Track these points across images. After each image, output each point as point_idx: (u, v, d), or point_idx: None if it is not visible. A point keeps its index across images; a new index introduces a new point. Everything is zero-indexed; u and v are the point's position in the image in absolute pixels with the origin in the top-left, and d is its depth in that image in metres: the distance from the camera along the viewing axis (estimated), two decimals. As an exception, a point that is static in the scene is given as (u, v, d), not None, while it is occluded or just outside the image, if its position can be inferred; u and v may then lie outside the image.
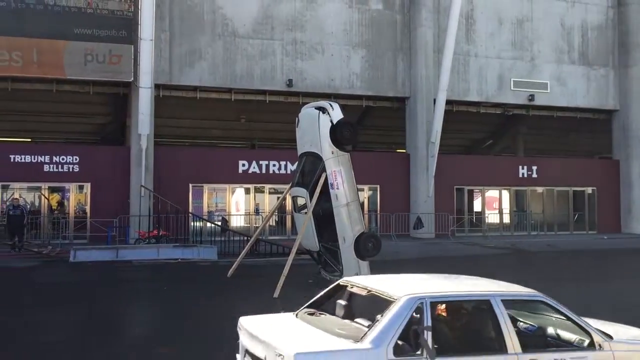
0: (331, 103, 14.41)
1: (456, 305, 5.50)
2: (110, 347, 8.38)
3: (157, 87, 22.74)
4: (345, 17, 25.18)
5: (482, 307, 5.33)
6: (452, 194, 26.91)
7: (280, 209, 23.76)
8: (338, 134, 13.65)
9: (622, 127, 29.23)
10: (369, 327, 4.88)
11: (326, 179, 13.60)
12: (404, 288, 5.26)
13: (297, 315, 5.72)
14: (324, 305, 5.79)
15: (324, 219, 13.89)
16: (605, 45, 29.15)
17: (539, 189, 29.09)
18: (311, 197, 13.62)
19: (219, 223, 22.26)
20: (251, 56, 23.92)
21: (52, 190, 23.15)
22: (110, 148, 24.55)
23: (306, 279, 14.40)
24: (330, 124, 13.70)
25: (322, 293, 5.94)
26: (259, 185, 25.03)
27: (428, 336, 4.76)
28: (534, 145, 34.50)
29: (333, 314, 5.61)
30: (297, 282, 13.61)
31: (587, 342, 5.29)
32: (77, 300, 11.97)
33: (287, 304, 11.65)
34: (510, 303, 5.40)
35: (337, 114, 13.88)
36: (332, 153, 13.72)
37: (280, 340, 4.91)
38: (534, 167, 28.61)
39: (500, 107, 28.47)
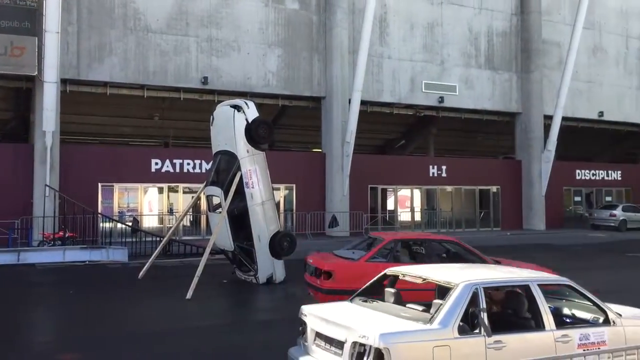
0: (246, 101, 14.37)
1: (503, 290, 6.33)
2: (6, 356, 7.92)
3: (64, 82, 21.73)
4: (262, 16, 25.10)
5: (523, 291, 6.09)
6: (366, 192, 27.46)
7: (195, 208, 23.38)
8: (253, 133, 13.64)
9: (524, 129, 30.89)
10: (434, 310, 5.51)
11: (241, 178, 13.55)
12: (459, 276, 5.93)
13: (352, 301, 6.31)
14: (372, 293, 6.40)
15: (239, 219, 13.83)
16: (509, 51, 30.70)
17: (448, 188, 30.22)
18: (226, 196, 13.53)
19: (130, 224, 21.57)
20: (165, 52, 23.34)
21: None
22: (12, 145, 23.17)
23: (221, 279, 14.27)
24: (245, 123, 13.67)
25: (371, 282, 6.55)
26: (172, 185, 24.48)
27: (484, 317, 5.44)
28: (444, 146, 35.79)
29: (383, 300, 6.21)
30: (211, 283, 13.47)
31: (601, 319, 6.18)
32: (-26, 307, 11.25)
33: (201, 304, 11.53)
34: (544, 287, 6.13)
35: (252, 112, 13.86)
36: (248, 152, 13.69)
37: (359, 323, 5.46)
38: (444, 167, 29.69)
39: (412, 108, 29.33)
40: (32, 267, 16.31)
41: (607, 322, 6.14)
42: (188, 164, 24.13)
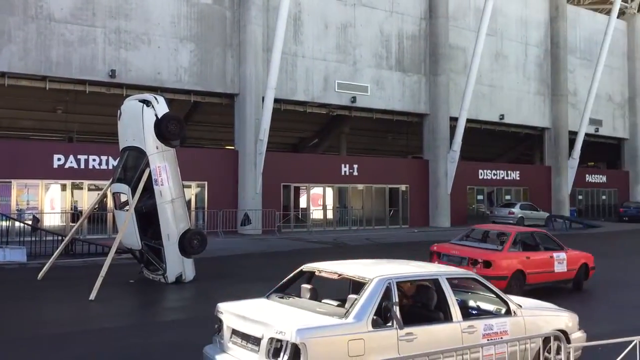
0: (156, 96, 13.99)
1: (414, 284, 6.61)
2: None
3: (-44, 70, 20.31)
4: (173, 9, 24.51)
5: (432, 284, 6.37)
6: (279, 190, 27.49)
7: (101, 206, 22.51)
8: (163, 129, 13.30)
9: (432, 130, 32.04)
10: (349, 305, 5.66)
11: (150, 174, 13.19)
12: (372, 271, 6.12)
13: (269, 297, 6.39)
14: (288, 290, 6.52)
15: (147, 216, 13.47)
16: (418, 54, 31.72)
17: (360, 186, 30.83)
18: (133, 193, 13.13)
19: (29, 222, 20.43)
20: (69, 42, 22.29)
21: None
22: None
23: (127, 278, 13.83)
24: (155, 118, 13.31)
25: (286, 279, 6.62)
26: (77, 182, 23.42)
27: (396, 310, 5.67)
28: (356, 145, 36.53)
29: (299, 296, 6.33)
30: (117, 283, 13.03)
31: (503, 310, 6.61)
32: None
33: (106, 305, 11.12)
34: (452, 280, 6.45)
35: (162, 107, 13.51)
36: (157, 148, 13.34)
37: (276, 319, 5.55)
38: (355, 166, 30.26)
39: (326, 107, 29.67)
40: None
41: (508, 312, 6.55)
42: (94, 160, 23.18)
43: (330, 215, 29.97)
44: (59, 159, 22.64)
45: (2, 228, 19.85)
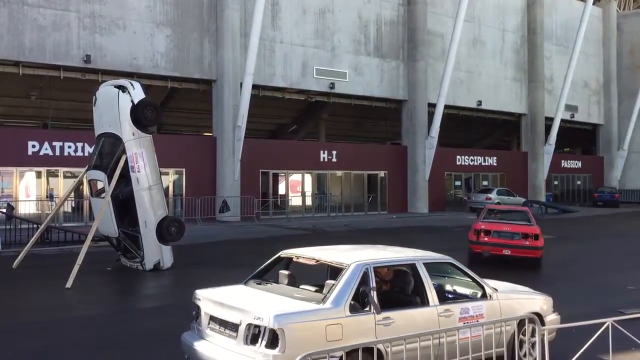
0: (132, 82, 13.82)
1: (391, 269, 6.64)
2: None
3: None
4: (149, -7, 24.12)
5: (409, 269, 6.43)
6: (257, 177, 27.40)
7: (77, 193, 22.24)
8: (140, 115, 13.16)
9: (410, 116, 32.14)
10: (326, 290, 5.68)
11: (126, 161, 13.05)
12: (350, 256, 6.14)
13: (246, 284, 6.41)
14: (265, 276, 6.55)
15: (124, 204, 13.36)
16: (396, 39, 31.71)
17: (338, 173, 30.87)
18: (110, 180, 13.00)
19: (4, 210, 20.11)
20: (42, 27, 21.85)
21: None
22: None
23: (104, 266, 13.72)
24: (131, 104, 13.16)
25: (264, 265, 6.62)
26: (52, 169, 23.08)
27: (374, 295, 5.71)
28: (335, 131, 36.51)
29: (277, 282, 6.34)
30: (94, 271, 12.93)
31: (479, 294, 6.69)
32: None
33: (82, 293, 11.03)
34: (429, 265, 6.48)
35: (138, 93, 13.36)
36: (133, 134, 13.20)
37: (254, 305, 5.55)
38: (334, 152, 30.26)
39: (304, 93, 29.58)
40: None
41: (484, 296, 6.64)
42: (69, 146, 22.85)
43: (309, 201, 29.99)
44: (33, 146, 22.27)
45: (-25, 216, 19.51)
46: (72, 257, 12.35)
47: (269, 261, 6.67)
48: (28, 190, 23.40)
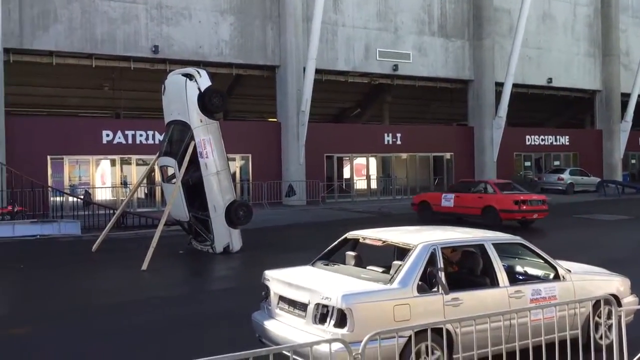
0: (198, 70, 14.12)
1: (459, 250, 6.62)
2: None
3: (7, 51, 20.87)
4: (213, -18, 24.51)
5: (478, 250, 6.36)
6: (322, 161, 27.53)
7: (149, 179, 23.04)
8: (206, 102, 13.45)
9: (476, 96, 31.37)
10: (393, 271, 5.70)
11: (195, 147, 13.39)
12: (417, 237, 6.17)
13: (314, 265, 6.49)
14: (332, 257, 6.60)
15: (194, 189, 13.72)
16: (461, 18, 30.93)
17: (403, 155, 30.57)
18: (180, 166, 13.37)
19: (82, 197, 21.11)
20: (112, 20, 22.62)
21: None
22: (-47, 118, 22.25)
23: (176, 250, 14.19)
24: (198, 92, 13.47)
25: (331, 246, 6.69)
26: (125, 157, 23.99)
27: (442, 276, 5.69)
28: (399, 114, 36.12)
29: (343, 263, 6.39)
30: (167, 254, 13.39)
31: (552, 275, 6.54)
32: None
33: (157, 275, 11.47)
34: (498, 246, 6.34)
35: (204, 81, 13.64)
36: (201, 121, 13.52)
37: (322, 286, 5.63)
38: (399, 135, 29.97)
39: (367, 76, 29.37)
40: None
41: (557, 277, 6.46)
42: (140, 135, 23.66)
43: (374, 184, 29.89)
44: (107, 135, 23.19)
45: (57, 203, 20.60)
46: (146, 241, 12.84)
47: (336, 243, 6.72)
48: (103, 178, 24.45)
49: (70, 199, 21.06)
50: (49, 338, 7.46)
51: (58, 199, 20.57)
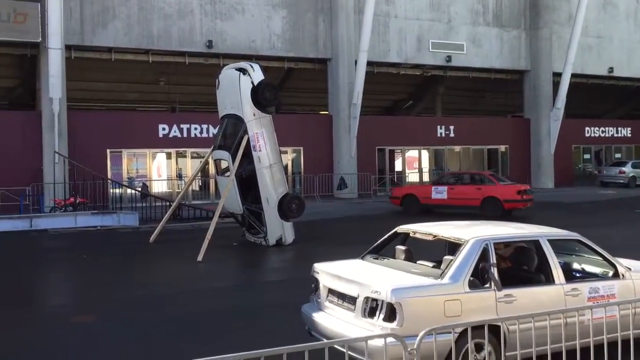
0: (252, 64, 14.28)
1: (512, 245, 6.42)
2: (21, 319, 8.11)
3: (68, 48, 21.63)
4: (265, -23, 24.69)
5: (532, 246, 6.18)
6: (374, 154, 27.44)
7: (203, 172, 23.48)
8: (259, 96, 13.59)
9: (533, 87, 30.56)
10: (444, 266, 5.60)
11: (248, 141, 13.57)
12: (468, 232, 6.03)
13: (363, 258, 6.43)
14: (382, 251, 6.54)
15: (247, 182, 13.91)
16: (517, 7, 30.14)
17: (456, 148, 30.12)
18: (234, 159, 13.58)
19: (140, 189, 21.73)
20: (168, 16, 23.11)
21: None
22: (20, 113, 23.25)
23: (230, 241, 14.44)
24: (251, 86, 13.62)
25: (381, 240, 6.62)
26: (180, 150, 24.55)
27: (494, 271, 5.55)
28: (451, 106, 35.55)
29: (393, 257, 6.33)
30: (221, 245, 13.64)
31: (611, 273, 6.27)
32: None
33: (212, 266, 11.71)
34: (553, 242, 6.15)
35: (258, 75, 13.79)
36: (254, 115, 13.67)
37: (371, 279, 5.59)
38: (452, 127, 29.54)
39: (419, 68, 29.04)
40: (44, 233, 16.56)
41: (616, 275, 6.20)
42: (195, 128, 24.14)
43: (426, 177, 29.60)
44: (163, 129, 23.76)
45: (115, 195, 21.29)
46: (201, 233, 13.13)
47: (386, 236, 6.68)
48: (159, 171, 25.08)
49: (129, 191, 21.73)
50: (112, 325, 7.75)
51: (117, 191, 21.26)
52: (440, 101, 34.65)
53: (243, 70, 13.81)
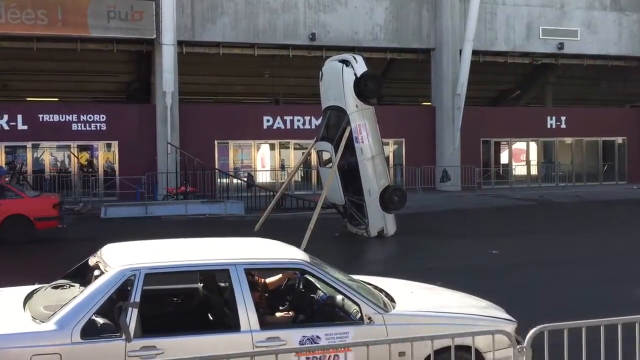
0: (355, 56, 14.28)
1: (180, 277, 5.09)
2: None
3: (180, 43, 22.66)
4: (369, -33, 24.56)
5: (215, 278, 4.96)
6: (478, 146, 26.64)
7: (306, 164, 23.83)
8: (362, 87, 13.58)
9: (656, 75, 28.38)
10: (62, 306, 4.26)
11: (351, 132, 13.60)
12: (124, 257, 4.59)
13: (45, 289, 4.97)
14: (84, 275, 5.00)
15: (350, 173, 13.96)
16: (639, -11, 28.04)
17: (568, 140, 28.62)
18: (336, 151, 13.66)
19: (245, 179, 22.43)
20: (273, 10, 23.61)
21: (81, 149, 23.47)
22: (136, 106, 24.71)
23: (332, 232, 14.57)
24: (354, 77, 13.63)
25: (80, 263, 5.15)
26: (283, 141, 25.08)
27: (133, 314, 4.15)
28: (563, 95, 33.75)
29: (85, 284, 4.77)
30: (324, 235, 13.80)
31: (358, 315, 4.63)
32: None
33: (316, 256, 11.87)
34: (263, 272, 4.97)
35: (360, 67, 13.77)
36: (357, 107, 13.68)
37: None
38: (563, 118, 28.08)
39: (529, 56, 27.80)
40: (158, 219, 17.51)
41: (360, 318, 4.55)
42: (298, 120, 24.54)
43: (534, 171, 28.37)
44: (267, 121, 24.36)
45: (223, 184, 22.13)
46: (304, 222, 13.34)
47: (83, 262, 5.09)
48: (263, 161, 25.78)
49: (235, 181, 22.50)
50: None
51: (224, 180, 22.07)
52: (551, 91, 32.99)
53: (346, 62, 13.84)
